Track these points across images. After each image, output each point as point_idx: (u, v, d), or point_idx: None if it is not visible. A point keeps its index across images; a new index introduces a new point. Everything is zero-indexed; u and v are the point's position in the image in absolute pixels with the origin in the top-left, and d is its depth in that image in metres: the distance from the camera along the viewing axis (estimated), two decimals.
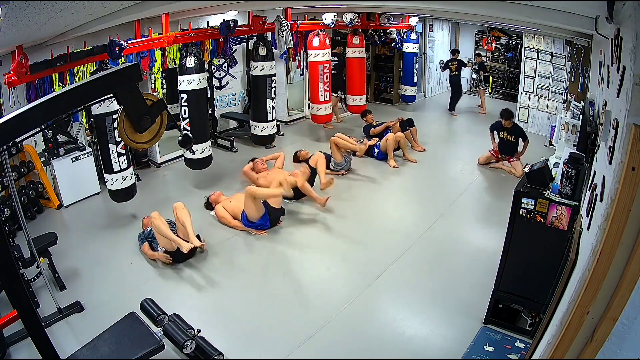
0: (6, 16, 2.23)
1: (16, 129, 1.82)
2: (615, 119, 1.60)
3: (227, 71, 7.36)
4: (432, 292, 3.71)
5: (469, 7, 4.59)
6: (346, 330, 3.31)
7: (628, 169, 1.34)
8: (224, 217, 4.69)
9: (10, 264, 1.95)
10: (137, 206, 4.92)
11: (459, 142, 7.63)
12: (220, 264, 4.11)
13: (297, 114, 8.52)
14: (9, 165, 3.48)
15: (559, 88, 7.11)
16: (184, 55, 5.06)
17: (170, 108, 3.30)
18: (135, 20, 4.85)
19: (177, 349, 2.88)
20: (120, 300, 3.56)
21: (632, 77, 1.35)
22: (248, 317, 3.45)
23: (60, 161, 5.09)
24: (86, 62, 4.51)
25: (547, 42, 7.29)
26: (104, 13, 3.44)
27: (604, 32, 2.50)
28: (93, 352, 2.65)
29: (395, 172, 6.21)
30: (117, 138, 4.40)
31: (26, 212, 4.73)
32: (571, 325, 1.59)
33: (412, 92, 9.35)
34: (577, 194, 2.74)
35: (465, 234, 4.72)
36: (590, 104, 3.12)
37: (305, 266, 4.15)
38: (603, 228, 1.45)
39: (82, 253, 4.25)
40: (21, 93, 4.31)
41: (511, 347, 3.10)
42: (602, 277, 1.46)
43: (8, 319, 2.88)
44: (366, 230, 4.72)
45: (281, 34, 6.23)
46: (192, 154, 5.13)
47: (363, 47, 7.50)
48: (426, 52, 10.18)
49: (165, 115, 2.41)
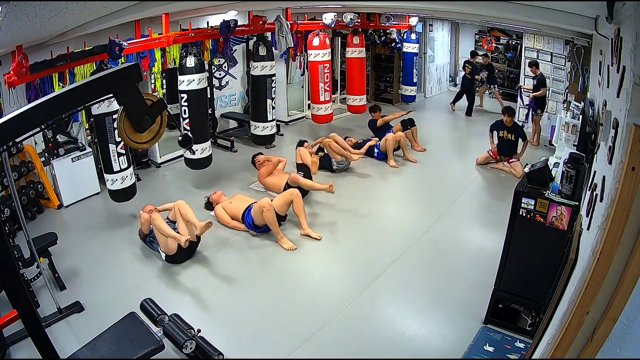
0: (6, 16, 2.23)
1: (16, 129, 1.81)
2: (615, 119, 1.60)
3: (227, 71, 7.36)
4: (432, 292, 3.71)
5: (469, 7, 4.59)
6: (346, 330, 3.31)
7: (628, 169, 1.34)
8: (223, 218, 4.68)
9: (10, 264, 1.95)
10: (137, 206, 4.90)
11: (459, 142, 7.63)
12: (220, 264, 4.11)
13: (297, 113, 8.53)
14: (9, 165, 3.49)
15: (559, 88, 7.10)
16: (184, 55, 5.06)
17: (170, 108, 3.31)
18: (135, 20, 4.84)
19: (177, 349, 2.88)
20: (120, 300, 3.56)
21: (632, 77, 1.35)
22: (248, 317, 3.45)
23: (60, 161, 5.10)
24: (86, 62, 4.50)
25: (547, 42, 7.28)
26: (104, 13, 3.44)
27: (604, 32, 2.50)
28: (93, 352, 2.65)
29: (395, 172, 6.21)
30: (117, 138, 4.40)
31: (26, 212, 4.73)
32: (571, 325, 1.59)
33: (412, 92, 9.35)
34: (577, 194, 2.74)
35: (465, 234, 4.72)
36: (590, 104, 3.12)
37: (305, 266, 4.14)
38: (603, 228, 1.45)
39: (82, 253, 4.25)
40: (21, 93, 4.31)
41: (511, 347, 3.10)
42: (602, 277, 1.46)
43: (8, 319, 2.87)
44: (366, 230, 4.72)
45: (281, 34, 6.22)
46: (192, 154, 5.13)
47: (363, 47, 7.49)
48: (426, 52, 10.18)
49: (165, 115, 2.41)
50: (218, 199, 4.90)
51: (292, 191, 4.57)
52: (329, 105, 7.17)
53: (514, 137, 6.06)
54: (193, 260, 4.12)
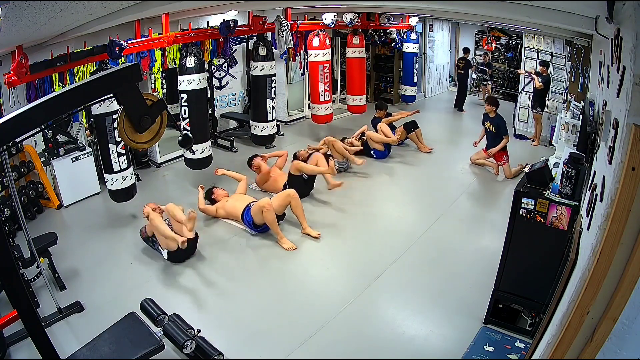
0: (6, 16, 2.23)
1: (16, 129, 1.81)
2: (615, 119, 1.60)
3: (227, 71, 7.36)
4: (432, 292, 3.71)
5: (469, 7, 4.59)
6: (346, 330, 3.31)
7: (628, 169, 1.34)
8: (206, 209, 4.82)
9: (10, 264, 1.95)
10: (137, 206, 4.90)
11: (459, 142, 7.62)
12: (220, 264, 4.11)
13: (297, 113, 8.53)
14: (9, 165, 3.49)
15: (559, 88, 7.10)
16: (184, 55, 5.06)
17: (170, 108, 3.30)
18: (135, 20, 4.85)
19: (177, 349, 2.88)
20: (120, 300, 3.56)
21: (632, 77, 1.35)
22: (248, 317, 3.45)
23: (60, 161, 5.10)
24: (86, 62, 4.50)
25: (547, 42, 7.28)
26: (104, 13, 3.44)
27: (604, 32, 2.50)
28: (93, 352, 2.65)
29: (395, 172, 6.21)
30: (117, 138, 4.40)
31: (26, 212, 4.72)
32: (571, 325, 1.59)
33: (412, 92, 9.36)
34: (577, 194, 2.74)
35: (465, 234, 4.72)
36: (590, 104, 3.12)
37: (305, 266, 4.14)
38: (603, 228, 1.45)
39: (82, 253, 4.25)
40: (21, 93, 4.31)
41: (511, 347, 3.10)
42: (602, 277, 1.46)
43: (8, 319, 2.87)
44: (366, 230, 4.72)
45: (281, 34, 6.23)
46: (192, 154, 5.13)
47: (363, 47, 7.49)
48: (426, 52, 10.18)
49: (165, 115, 2.41)
50: (218, 198, 4.92)
51: (289, 192, 4.56)
52: (329, 105, 7.17)
53: (495, 128, 5.94)
54: (193, 260, 4.12)
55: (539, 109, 7.17)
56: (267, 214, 4.27)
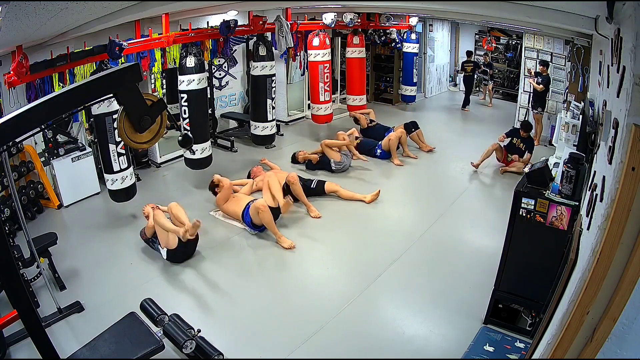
0: (6, 16, 2.23)
1: (16, 129, 1.81)
2: (615, 119, 1.60)
3: (227, 71, 7.36)
4: (432, 292, 3.71)
5: (469, 7, 4.59)
6: (346, 330, 3.31)
7: (628, 169, 1.33)
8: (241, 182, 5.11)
9: (10, 264, 1.94)
10: (137, 206, 4.91)
11: (459, 142, 7.62)
12: (220, 264, 4.11)
13: (297, 113, 8.53)
14: (9, 165, 3.49)
15: (559, 88, 7.10)
16: (184, 55, 5.06)
17: (170, 108, 3.31)
18: (135, 20, 4.85)
19: (177, 349, 2.88)
20: (120, 300, 3.56)
21: (632, 77, 1.35)
22: (248, 317, 3.45)
23: (60, 161, 5.09)
24: (86, 62, 4.50)
25: (547, 42, 7.28)
26: (104, 13, 3.44)
27: (604, 32, 2.49)
28: (93, 352, 2.65)
29: (395, 172, 6.21)
30: (117, 138, 4.40)
31: (26, 212, 4.72)
32: (571, 325, 1.58)
33: (412, 92, 9.37)
34: (577, 194, 2.74)
35: (465, 234, 4.72)
36: (590, 104, 3.12)
37: (305, 266, 4.15)
38: (603, 228, 1.45)
39: (82, 253, 4.25)
40: (21, 93, 4.31)
41: (511, 347, 3.10)
42: (602, 277, 1.46)
43: (8, 319, 2.87)
44: (366, 230, 4.72)
45: (281, 34, 6.22)
46: (192, 154, 5.13)
47: (363, 47, 7.50)
48: (426, 52, 10.18)
49: (165, 115, 2.41)
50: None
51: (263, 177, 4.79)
52: (328, 105, 7.17)
53: (525, 147, 6.20)
54: (193, 260, 4.12)
55: (539, 109, 7.20)
56: (262, 215, 4.28)
